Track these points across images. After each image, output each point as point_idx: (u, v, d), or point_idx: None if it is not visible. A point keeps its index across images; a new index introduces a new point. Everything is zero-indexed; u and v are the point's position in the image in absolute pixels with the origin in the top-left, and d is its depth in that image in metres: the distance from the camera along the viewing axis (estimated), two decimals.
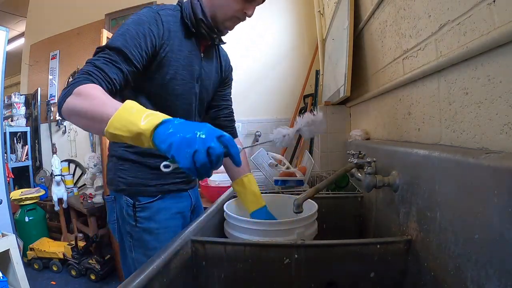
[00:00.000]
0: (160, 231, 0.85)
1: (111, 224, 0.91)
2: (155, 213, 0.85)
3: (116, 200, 0.87)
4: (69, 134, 3.29)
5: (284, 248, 0.63)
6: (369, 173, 0.69)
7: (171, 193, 0.89)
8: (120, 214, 0.86)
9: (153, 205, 0.85)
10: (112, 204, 0.88)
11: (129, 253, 0.86)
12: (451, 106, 0.54)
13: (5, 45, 1.95)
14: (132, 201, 0.83)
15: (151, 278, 0.50)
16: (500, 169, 0.34)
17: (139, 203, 0.83)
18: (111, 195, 0.89)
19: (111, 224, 0.91)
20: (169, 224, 0.87)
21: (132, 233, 0.84)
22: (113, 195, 0.87)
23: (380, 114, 1.00)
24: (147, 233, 0.84)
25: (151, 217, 0.84)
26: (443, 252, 0.47)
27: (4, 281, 1.59)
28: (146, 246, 0.84)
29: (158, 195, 0.86)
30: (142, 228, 0.84)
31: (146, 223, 0.84)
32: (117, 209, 0.87)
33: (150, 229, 0.84)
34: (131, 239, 0.85)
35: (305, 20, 2.52)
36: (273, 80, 2.60)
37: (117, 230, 0.89)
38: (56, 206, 2.67)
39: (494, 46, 0.41)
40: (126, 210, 0.84)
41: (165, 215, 0.87)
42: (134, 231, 0.84)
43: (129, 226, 0.84)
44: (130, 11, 3.05)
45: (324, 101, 1.63)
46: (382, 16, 0.91)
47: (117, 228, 0.88)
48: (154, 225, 0.85)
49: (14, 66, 3.86)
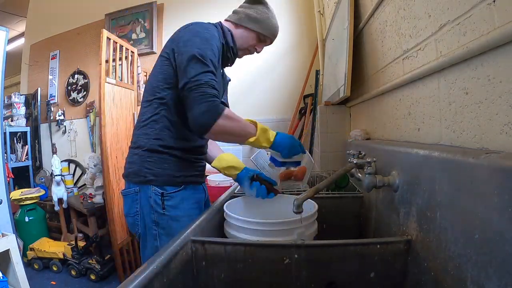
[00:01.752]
0: (184, 219, 0.91)
1: (130, 217, 0.94)
2: (179, 202, 0.92)
3: (140, 192, 0.91)
4: (69, 134, 3.29)
5: (284, 248, 0.63)
6: (369, 173, 0.69)
7: (191, 184, 0.96)
8: (145, 204, 0.90)
9: (178, 194, 0.92)
10: (134, 196, 0.92)
11: (153, 242, 0.91)
12: (451, 106, 0.54)
13: (5, 45, 1.94)
14: (160, 190, 0.89)
15: (151, 278, 0.50)
16: (500, 169, 0.34)
17: (167, 192, 0.90)
18: (132, 187, 0.92)
19: (130, 217, 0.94)
20: (191, 212, 0.94)
21: (159, 221, 0.90)
22: (137, 187, 0.91)
23: (380, 114, 1.00)
24: (174, 220, 0.91)
25: (177, 206, 0.91)
26: (443, 252, 0.47)
27: (4, 281, 1.59)
28: (172, 233, 0.88)
29: (182, 185, 0.93)
30: (170, 216, 0.90)
31: (173, 211, 0.91)
32: (142, 200, 0.91)
33: (176, 217, 0.91)
34: (157, 228, 0.90)
35: (305, 20, 2.52)
36: (273, 80, 2.60)
37: (140, 221, 0.93)
38: (56, 206, 2.67)
39: (494, 46, 0.41)
40: (155, 199, 0.89)
41: (188, 204, 0.94)
42: (162, 219, 0.90)
43: (156, 215, 0.90)
44: (130, 11, 3.06)
45: (324, 101, 1.63)
46: (382, 16, 0.91)
47: (140, 219, 0.92)
48: (180, 212, 0.91)
49: (14, 66, 3.86)
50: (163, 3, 2.98)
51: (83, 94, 3.25)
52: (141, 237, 0.95)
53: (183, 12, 2.91)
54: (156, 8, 2.96)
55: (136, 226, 0.93)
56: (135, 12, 3.04)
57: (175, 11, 2.95)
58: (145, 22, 3.00)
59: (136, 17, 3.04)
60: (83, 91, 3.25)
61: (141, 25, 3.02)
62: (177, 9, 2.93)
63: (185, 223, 0.88)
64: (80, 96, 3.26)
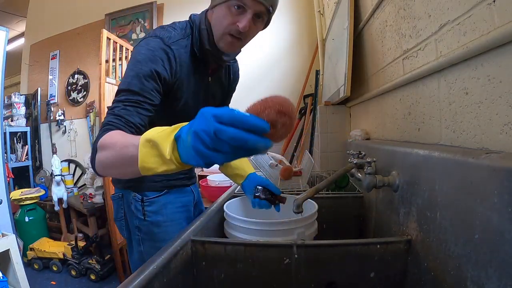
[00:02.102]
0: (167, 224, 0.89)
1: (118, 221, 0.94)
2: (162, 207, 0.89)
3: (123, 197, 0.90)
4: (69, 134, 3.29)
5: (284, 248, 0.63)
6: (369, 173, 0.69)
7: (175, 188, 0.93)
8: (128, 210, 0.90)
9: (160, 199, 0.89)
10: (119, 201, 0.91)
11: (137, 247, 0.89)
12: (451, 106, 0.54)
13: (5, 45, 1.94)
14: (140, 196, 0.87)
15: (151, 278, 0.50)
16: (500, 169, 0.34)
17: (147, 198, 0.87)
18: (117, 193, 0.92)
19: (118, 222, 0.94)
20: (175, 217, 0.91)
21: (140, 227, 0.88)
22: (121, 192, 0.91)
23: (380, 114, 1.00)
24: (155, 226, 0.88)
25: (158, 211, 0.88)
26: (443, 252, 0.47)
27: (4, 281, 1.59)
28: (154, 238, 0.88)
29: (164, 190, 0.90)
30: (150, 222, 0.87)
31: (154, 217, 0.88)
32: (125, 206, 0.90)
33: (158, 222, 0.88)
34: (139, 233, 0.88)
35: (305, 20, 2.52)
36: (273, 80, 2.60)
37: (124, 226, 0.92)
38: (56, 206, 2.67)
39: (494, 46, 0.41)
40: (135, 205, 0.87)
41: (171, 209, 0.91)
42: (143, 225, 0.88)
43: (137, 221, 0.88)
44: (130, 11, 3.05)
45: (324, 101, 1.63)
46: (382, 16, 0.91)
47: (125, 224, 0.92)
48: (161, 218, 0.89)
49: (14, 66, 3.86)
50: (163, 3, 2.98)
51: (83, 94, 3.25)
52: (127, 241, 0.95)
53: (183, 12, 2.91)
54: (156, 8, 2.96)
55: (123, 230, 0.94)
56: (135, 12, 3.04)
57: (175, 11, 2.95)
58: (145, 22, 3.00)
59: (136, 17, 3.04)
60: (83, 91, 3.25)
61: (141, 25, 3.02)
62: (177, 9, 2.93)
63: (168, 228, 0.88)
64: (80, 96, 3.26)
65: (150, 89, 0.69)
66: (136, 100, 0.67)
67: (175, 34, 0.77)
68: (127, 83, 0.68)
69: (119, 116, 0.65)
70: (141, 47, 0.73)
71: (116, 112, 0.65)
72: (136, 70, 0.69)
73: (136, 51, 0.73)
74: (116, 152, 0.53)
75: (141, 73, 0.69)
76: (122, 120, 0.64)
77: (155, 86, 0.70)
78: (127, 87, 0.68)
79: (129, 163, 0.49)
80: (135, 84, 0.68)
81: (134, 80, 0.68)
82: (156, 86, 0.71)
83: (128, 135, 0.58)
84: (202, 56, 0.81)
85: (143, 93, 0.68)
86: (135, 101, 0.67)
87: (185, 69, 0.78)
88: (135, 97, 0.68)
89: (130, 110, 0.66)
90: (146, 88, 0.69)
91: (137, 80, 0.68)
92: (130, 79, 0.69)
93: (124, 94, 0.68)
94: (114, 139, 0.56)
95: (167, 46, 0.74)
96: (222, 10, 0.73)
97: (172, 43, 0.75)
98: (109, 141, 0.57)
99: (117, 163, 0.54)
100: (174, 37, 0.76)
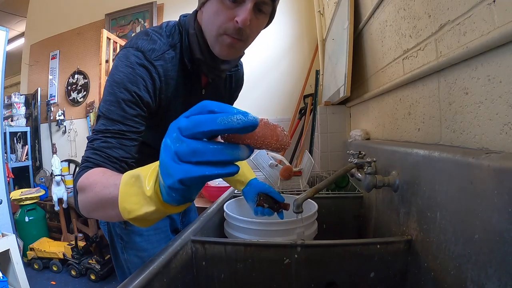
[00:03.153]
0: (150, 233, 0.85)
1: (102, 225, 0.92)
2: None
3: None
4: (69, 134, 3.29)
5: (284, 248, 0.63)
6: (369, 173, 0.69)
7: None
8: None
9: None
10: None
11: (121, 254, 0.86)
12: (451, 106, 0.54)
13: (5, 45, 1.95)
14: None
15: (151, 278, 0.50)
16: (500, 169, 0.34)
17: None
18: None
19: (102, 226, 0.92)
20: (158, 225, 0.86)
21: (122, 235, 0.84)
22: None
23: (380, 114, 1.00)
24: (137, 235, 0.84)
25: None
26: (443, 252, 0.47)
27: (4, 281, 1.59)
28: (137, 247, 0.84)
29: None
30: (131, 231, 0.83)
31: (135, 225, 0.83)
32: None
33: (139, 231, 0.84)
34: (121, 241, 0.85)
35: (305, 20, 2.52)
36: (273, 80, 2.60)
37: (107, 233, 0.89)
38: (56, 206, 2.67)
39: (494, 46, 0.41)
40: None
41: None
42: (124, 233, 0.84)
43: (119, 229, 0.84)
44: (130, 11, 3.06)
45: (324, 101, 1.63)
46: (382, 16, 0.91)
47: (108, 230, 0.88)
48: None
49: (14, 66, 3.86)
50: (163, 3, 2.98)
51: (83, 94, 3.25)
52: (110, 247, 0.91)
53: (183, 12, 2.91)
54: (156, 8, 2.97)
55: (106, 235, 0.90)
56: (135, 12, 3.04)
57: (175, 11, 2.95)
58: (145, 22, 3.01)
59: (136, 17, 3.04)
60: (83, 91, 3.25)
61: (141, 25, 3.02)
62: (177, 9, 2.93)
63: (151, 237, 0.85)
64: (80, 96, 3.26)
65: (133, 115, 0.60)
66: (117, 131, 0.58)
67: (160, 44, 0.65)
68: (106, 110, 0.59)
69: (99, 150, 0.56)
70: (120, 61, 0.61)
71: (95, 146, 0.56)
72: (115, 95, 0.59)
73: (115, 66, 0.62)
74: (95, 194, 0.47)
75: (120, 98, 0.59)
76: (102, 155, 0.56)
77: (139, 112, 0.61)
78: (107, 114, 0.58)
79: (111, 206, 0.43)
80: (114, 112, 0.58)
81: (113, 106, 0.58)
82: (140, 111, 0.61)
83: (109, 174, 0.50)
84: (194, 69, 0.69)
85: (125, 121, 0.59)
86: (116, 131, 0.58)
87: (172, 87, 0.67)
88: (116, 126, 0.58)
89: (112, 142, 0.57)
90: (127, 115, 0.59)
91: (117, 106, 0.59)
92: (109, 105, 0.59)
93: (103, 122, 0.58)
94: (93, 179, 0.50)
95: (149, 62, 0.62)
96: (214, 6, 0.59)
97: (156, 58, 0.63)
98: (87, 182, 0.50)
99: (98, 206, 0.48)
100: (159, 49, 0.64)
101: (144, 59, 0.61)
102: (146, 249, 0.82)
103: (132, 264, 0.84)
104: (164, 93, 0.66)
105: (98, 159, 0.55)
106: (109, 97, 0.59)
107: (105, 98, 0.60)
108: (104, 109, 0.59)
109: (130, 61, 0.60)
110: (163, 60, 0.64)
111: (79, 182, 0.52)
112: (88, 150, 0.57)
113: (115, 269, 0.94)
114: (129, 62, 0.60)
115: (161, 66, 0.63)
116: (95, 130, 0.59)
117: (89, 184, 0.49)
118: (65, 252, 2.32)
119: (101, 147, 0.56)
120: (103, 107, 0.59)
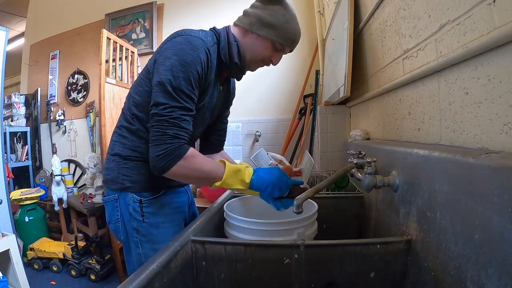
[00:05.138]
0: (166, 225, 0.89)
1: (112, 224, 0.91)
2: (159, 208, 0.89)
3: (119, 199, 0.88)
4: (69, 134, 3.29)
5: (284, 248, 0.63)
6: (369, 173, 0.69)
7: (172, 188, 0.93)
8: (125, 211, 0.88)
9: (157, 200, 0.88)
10: (113, 203, 0.89)
11: (136, 249, 0.88)
12: (451, 106, 0.54)
13: (5, 45, 1.95)
14: (138, 197, 0.86)
15: (151, 278, 0.50)
16: (500, 169, 0.34)
17: (145, 199, 0.86)
18: (111, 195, 0.89)
19: (112, 224, 0.92)
20: (173, 217, 0.92)
21: (139, 229, 0.87)
22: (115, 194, 0.89)
23: (380, 114, 1.00)
24: (154, 227, 0.87)
25: (157, 212, 0.88)
26: (443, 252, 0.47)
27: (4, 281, 1.59)
28: (153, 240, 0.87)
29: (161, 190, 0.89)
30: (149, 223, 0.87)
31: (152, 218, 0.87)
32: (121, 208, 0.88)
33: (156, 223, 0.87)
34: (137, 235, 0.87)
35: (305, 20, 2.52)
36: (273, 80, 2.60)
37: (121, 228, 0.90)
38: (56, 206, 2.67)
39: (494, 46, 0.41)
40: (133, 206, 0.86)
41: (168, 209, 0.91)
42: (142, 226, 0.87)
43: (136, 222, 0.87)
44: (130, 11, 3.05)
45: (324, 101, 1.64)
46: (382, 16, 0.91)
47: (122, 226, 0.90)
48: (160, 219, 0.88)
49: (14, 66, 3.86)
50: (163, 3, 2.98)
51: (83, 94, 3.25)
52: (124, 243, 0.93)
53: (183, 12, 2.91)
54: (156, 8, 2.96)
55: (118, 232, 0.91)
56: (135, 12, 3.04)
57: (175, 11, 2.95)
58: (145, 22, 3.00)
59: (136, 17, 3.04)
60: (83, 91, 3.25)
61: (141, 25, 3.02)
62: (177, 9, 2.93)
63: (167, 229, 0.88)
64: (80, 96, 3.26)
65: (196, 94, 0.77)
66: (190, 108, 0.76)
67: (209, 39, 0.83)
68: (180, 85, 0.73)
69: (185, 128, 0.74)
70: (184, 45, 0.75)
71: (182, 125, 0.74)
72: (186, 73, 0.74)
73: (180, 48, 0.75)
74: (204, 172, 0.76)
75: (191, 77, 0.74)
76: (187, 132, 0.75)
77: (198, 90, 0.79)
78: (181, 87, 0.73)
79: (209, 181, 0.77)
80: (188, 89, 0.74)
81: (187, 84, 0.74)
82: (198, 89, 0.78)
83: (209, 162, 0.78)
84: (226, 66, 0.87)
85: (194, 98, 0.77)
86: (189, 108, 0.76)
87: (213, 74, 0.84)
88: (189, 103, 0.75)
89: (189, 120, 0.76)
90: (195, 93, 0.77)
91: (189, 84, 0.74)
92: (183, 81, 0.73)
93: (181, 98, 0.74)
94: (201, 161, 0.76)
95: (207, 49, 0.79)
96: (264, 43, 0.84)
97: (210, 47, 0.81)
98: (196, 161, 0.75)
99: (200, 180, 0.79)
100: (210, 42, 0.82)
101: (205, 45, 0.78)
102: (162, 241, 0.85)
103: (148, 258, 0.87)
104: (209, 78, 0.82)
105: (186, 136, 0.75)
106: (180, 74, 0.73)
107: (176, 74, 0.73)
108: (178, 83, 0.73)
109: (195, 45, 0.76)
110: (213, 50, 0.82)
111: (190, 156, 0.74)
112: (172, 126, 0.72)
113: (126, 266, 0.96)
114: (194, 46, 0.75)
115: (212, 54, 0.81)
116: (172, 106, 0.73)
117: (197, 163, 0.76)
118: (65, 252, 2.32)
119: (184, 126, 0.74)
120: (176, 81, 0.73)
